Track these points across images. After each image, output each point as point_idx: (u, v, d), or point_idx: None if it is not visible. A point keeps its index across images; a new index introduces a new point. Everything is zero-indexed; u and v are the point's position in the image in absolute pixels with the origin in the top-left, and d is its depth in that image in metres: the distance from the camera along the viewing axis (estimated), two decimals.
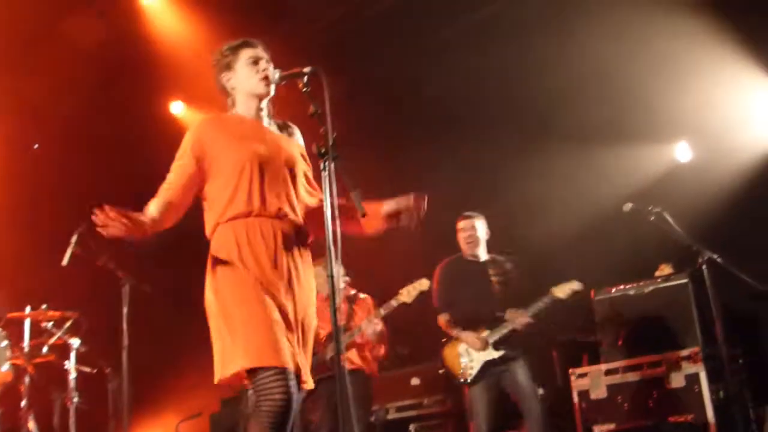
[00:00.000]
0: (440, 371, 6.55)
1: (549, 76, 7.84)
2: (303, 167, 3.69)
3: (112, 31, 8.45)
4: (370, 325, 6.29)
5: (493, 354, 6.23)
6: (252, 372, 3.29)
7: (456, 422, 7.11)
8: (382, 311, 6.31)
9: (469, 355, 6.28)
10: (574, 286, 6.26)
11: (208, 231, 3.56)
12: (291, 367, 3.29)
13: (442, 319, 6.48)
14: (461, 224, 6.63)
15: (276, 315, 3.34)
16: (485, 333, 6.26)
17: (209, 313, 3.45)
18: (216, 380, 3.38)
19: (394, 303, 6.28)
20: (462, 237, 6.59)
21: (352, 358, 6.38)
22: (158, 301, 6.87)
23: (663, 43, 7.31)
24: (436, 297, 6.53)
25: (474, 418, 6.24)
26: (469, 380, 6.24)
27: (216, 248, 3.47)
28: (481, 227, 6.59)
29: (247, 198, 3.44)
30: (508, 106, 8.35)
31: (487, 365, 6.22)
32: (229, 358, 3.31)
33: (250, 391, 3.42)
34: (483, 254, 6.59)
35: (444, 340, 6.49)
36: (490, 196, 6.74)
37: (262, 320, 3.30)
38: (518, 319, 6.23)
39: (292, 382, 3.28)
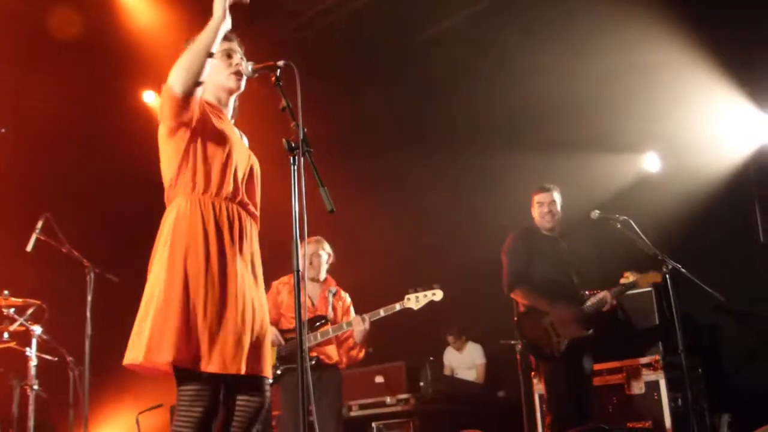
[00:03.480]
0: (513, 343, 6.24)
1: (520, 87, 7.85)
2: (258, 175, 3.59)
3: (85, 19, 8.37)
4: (361, 324, 5.83)
5: (582, 332, 5.94)
6: (178, 371, 3.16)
7: (419, 421, 7.11)
8: (382, 312, 5.83)
9: (555, 330, 5.94)
10: (657, 278, 6.09)
11: (169, 195, 3.37)
12: (230, 369, 3.12)
13: (522, 290, 6.08)
14: (540, 197, 6.31)
15: (232, 310, 3.19)
16: (574, 308, 5.97)
17: (152, 286, 3.22)
18: (127, 361, 3.14)
19: (398, 306, 5.80)
20: (541, 210, 6.28)
21: (330, 353, 6.06)
22: (123, 290, 6.81)
23: (637, 56, 7.37)
24: (508, 269, 6.15)
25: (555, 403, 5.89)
26: (557, 355, 5.88)
27: (180, 223, 3.27)
28: (558, 200, 6.32)
29: (218, 177, 3.34)
30: (477, 118, 8.38)
31: (574, 343, 5.93)
32: (158, 345, 3.07)
33: None
34: (557, 229, 6.32)
35: (523, 311, 6.12)
36: (461, 206, 6.72)
37: (212, 317, 3.13)
38: (608, 299, 5.97)
39: (217, 394, 3.19)
